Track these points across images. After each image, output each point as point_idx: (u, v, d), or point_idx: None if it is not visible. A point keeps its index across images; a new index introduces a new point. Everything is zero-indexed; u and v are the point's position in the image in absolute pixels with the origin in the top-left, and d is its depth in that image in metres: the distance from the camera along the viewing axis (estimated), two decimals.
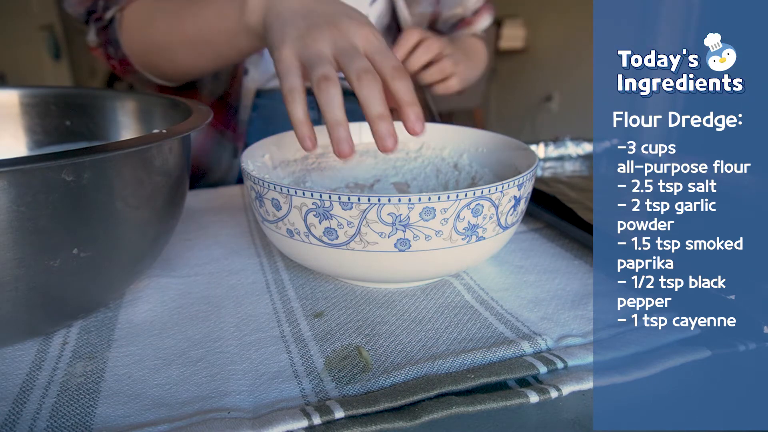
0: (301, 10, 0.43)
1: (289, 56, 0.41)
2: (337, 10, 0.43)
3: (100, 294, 0.34)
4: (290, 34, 0.41)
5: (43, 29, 3.70)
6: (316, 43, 0.40)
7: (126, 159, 0.30)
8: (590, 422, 0.27)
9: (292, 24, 0.42)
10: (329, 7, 0.44)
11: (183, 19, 0.54)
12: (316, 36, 0.40)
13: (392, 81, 0.39)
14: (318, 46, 0.40)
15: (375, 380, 0.30)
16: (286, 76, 0.40)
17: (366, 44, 0.40)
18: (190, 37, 0.54)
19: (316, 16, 0.42)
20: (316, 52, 0.39)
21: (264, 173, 0.46)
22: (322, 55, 0.39)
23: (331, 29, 0.41)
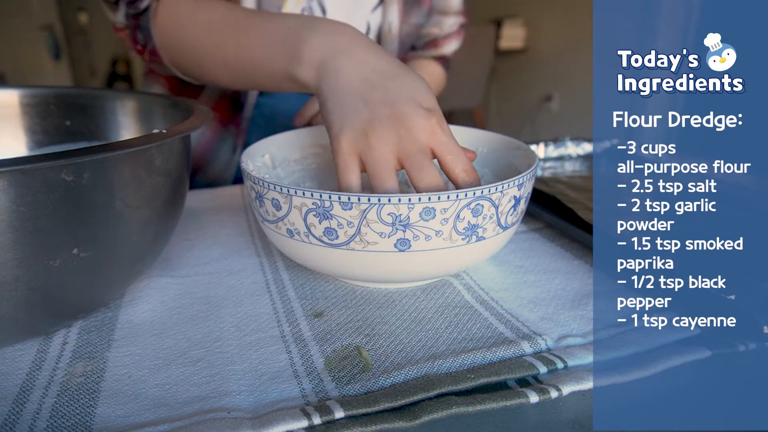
0: (360, 90, 0.41)
1: (348, 152, 0.39)
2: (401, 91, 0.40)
3: (100, 294, 0.34)
4: (351, 125, 0.39)
5: (43, 29, 3.70)
6: (379, 145, 0.38)
7: (126, 159, 0.30)
8: (590, 422, 0.27)
9: (351, 109, 0.40)
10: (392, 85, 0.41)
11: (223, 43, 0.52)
12: (379, 134, 0.38)
13: (462, 184, 0.39)
14: (381, 149, 0.38)
15: (375, 380, 0.30)
16: (345, 174, 0.39)
17: (434, 142, 0.39)
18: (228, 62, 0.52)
19: (377, 102, 0.40)
20: (380, 158, 0.38)
21: (264, 173, 0.46)
22: (387, 162, 0.38)
23: (396, 126, 0.39)
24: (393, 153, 0.39)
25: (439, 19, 0.80)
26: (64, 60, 3.83)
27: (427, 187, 0.38)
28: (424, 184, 0.38)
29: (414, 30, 0.79)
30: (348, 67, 0.42)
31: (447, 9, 0.80)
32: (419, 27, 0.79)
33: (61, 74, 3.83)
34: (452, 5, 0.81)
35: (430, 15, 0.80)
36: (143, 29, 0.56)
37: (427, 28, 0.80)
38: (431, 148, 0.39)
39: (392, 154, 0.39)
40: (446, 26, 0.81)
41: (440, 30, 0.81)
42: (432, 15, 0.80)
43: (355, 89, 0.41)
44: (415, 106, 0.40)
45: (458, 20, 0.82)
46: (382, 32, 0.75)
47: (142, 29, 0.56)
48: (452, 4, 0.80)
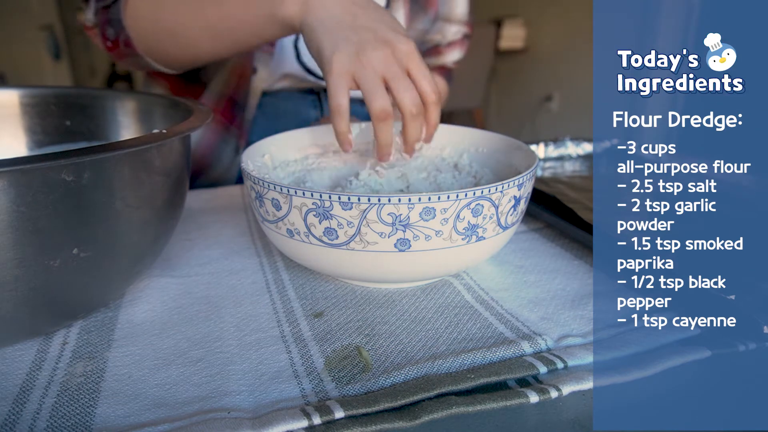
0: (346, 19, 0.45)
1: (341, 72, 0.42)
2: (382, 20, 0.45)
3: (100, 294, 0.34)
4: (342, 48, 0.43)
5: (43, 29, 3.70)
6: (370, 63, 0.42)
7: (126, 159, 0.30)
8: (590, 422, 0.27)
9: (340, 35, 0.44)
10: (373, 15, 0.46)
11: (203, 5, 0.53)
12: (370, 55, 0.42)
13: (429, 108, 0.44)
14: (373, 67, 0.42)
15: (375, 380, 0.30)
16: (337, 92, 0.42)
17: (414, 68, 0.44)
18: (209, 23, 0.54)
19: (364, 30, 0.44)
20: (372, 76, 0.42)
21: (264, 173, 0.46)
22: (378, 80, 0.42)
23: (384, 48, 0.43)
24: (381, 72, 0.43)
25: (442, 26, 0.80)
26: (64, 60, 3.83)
27: (410, 101, 0.42)
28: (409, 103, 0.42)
29: (419, 36, 0.78)
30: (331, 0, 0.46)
31: (452, 17, 0.80)
32: (425, 33, 0.79)
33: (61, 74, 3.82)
34: (457, 13, 0.80)
35: (435, 22, 0.80)
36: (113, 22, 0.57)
37: (431, 34, 0.80)
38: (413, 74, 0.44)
39: (381, 73, 0.43)
40: (449, 34, 0.80)
41: (443, 37, 0.80)
42: (437, 22, 0.80)
43: (341, 18, 0.45)
44: (395, 32, 0.44)
45: (462, 29, 0.81)
46: None
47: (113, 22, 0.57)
48: (457, 12, 0.80)
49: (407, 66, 0.43)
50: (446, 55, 0.82)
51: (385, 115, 0.42)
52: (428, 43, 0.81)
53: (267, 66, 0.69)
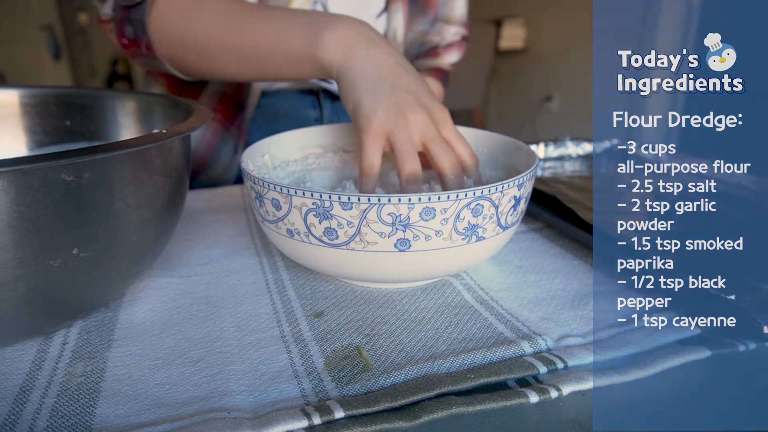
0: (388, 77, 0.44)
1: (378, 131, 0.42)
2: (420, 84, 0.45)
3: (100, 294, 0.34)
4: (382, 108, 0.43)
5: (43, 29, 3.70)
6: (408, 126, 0.42)
7: (126, 159, 0.30)
8: (590, 422, 0.27)
9: (382, 94, 0.43)
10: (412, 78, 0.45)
11: (238, 30, 0.52)
12: (408, 117, 0.42)
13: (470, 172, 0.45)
14: (409, 131, 0.42)
15: (375, 380, 0.30)
16: (371, 153, 0.42)
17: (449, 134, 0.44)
18: (241, 50, 0.52)
19: (404, 91, 0.44)
20: (408, 139, 0.42)
21: (264, 173, 0.46)
22: (412, 144, 0.42)
23: (423, 113, 0.43)
24: (418, 136, 0.43)
25: (441, 27, 0.80)
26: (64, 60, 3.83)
27: (450, 166, 0.42)
28: (448, 166, 0.42)
29: (419, 37, 0.78)
30: (377, 55, 0.45)
31: (450, 18, 0.80)
32: (424, 35, 0.79)
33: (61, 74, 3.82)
34: (456, 15, 0.80)
35: (434, 23, 0.80)
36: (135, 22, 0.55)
37: (429, 36, 0.80)
38: (446, 137, 0.44)
39: (418, 137, 0.43)
40: (448, 35, 0.80)
41: (441, 39, 0.80)
42: (436, 23, 0.80)
43: (385, 76, 0.44)
44: (433, 99, 0.45)
45: (460, 31, 0.81)
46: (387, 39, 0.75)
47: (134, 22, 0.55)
48: (456, 13, 0.80)
49: (442, 132, 0.44)
50: (444, 57, 0.82)
51: (414, 179, 0.42)
52: (426, 45, 0.81)
53: None
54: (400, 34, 0.75)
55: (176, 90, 0.72)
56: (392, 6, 0.73)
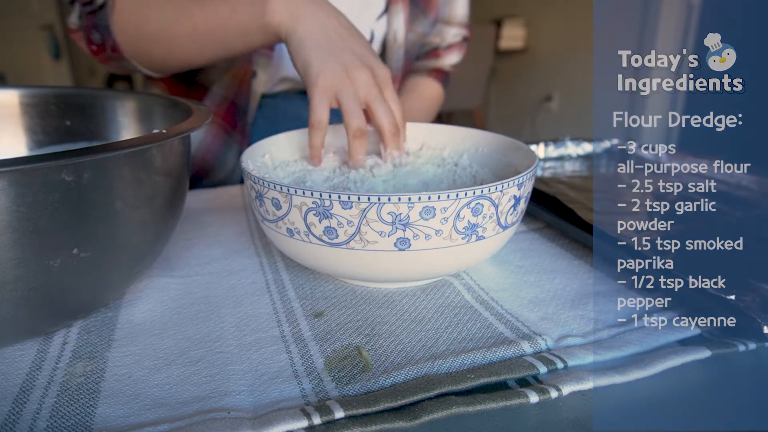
0: (334, 37, 0.47)
1: (326, 88, 0.45)
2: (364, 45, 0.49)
3: (100, 294, 0.34)
4: (330, 66, 0.46)
5: (43, 29, 3.70)
6: (353, 84, 0.45)
7: (126, 159, 0.30)
8: (590, 422, 0.27)
9: (329, 52, 0.46)
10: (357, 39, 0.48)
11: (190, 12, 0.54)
12: (354, 76, 0.46)
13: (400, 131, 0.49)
14: (356, 88, 0.46)
15: (375, 380, 0.30)
16: (319, 107, 0.45)
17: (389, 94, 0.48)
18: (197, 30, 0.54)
19: (350, 51, 0.47)
20: (353, 96, 0.45)
21: (264, 173, 0.46)
22: (357, 101, 0.46)
23: (367, 72, 0.46)
24: (363, 94, 0.46)
25: (442, 28, 0.80)
26: (64, 60, 3.83)
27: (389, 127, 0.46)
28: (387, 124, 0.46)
29: (419, 39, 0.78)
30: (323, 16, 0.49)
31: (451, 19, 0.80)
32: (424, 36, 0.79)
33: (61, 74, 3.82)
34: (456, 16, 0.80)
35: (435, 24, 0.80)
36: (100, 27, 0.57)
37: (430, 37, 0.80)
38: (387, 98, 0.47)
39: (362, 95, 0.46)
40: (449, 36, 0.80)
41: (442, 40, 0.80)
42: (436, 24, 0.80)
43: (331, 37, 0.48)
44: (377, 59, 0.48)
45: (461, 32, 0.81)
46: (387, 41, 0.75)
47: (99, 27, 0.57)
48: (457, 14, 0.80)
49: (384, 92, 0.47)
50: (445, 58, 0.82)
51: (360, 134, 0.45)
52: (427, 46, 0.81)
53: (266, 70, 0.70)
54: (400, 36, 0.75)
55: (177, 94, 0.72)
56: (393, 8, 0.73)
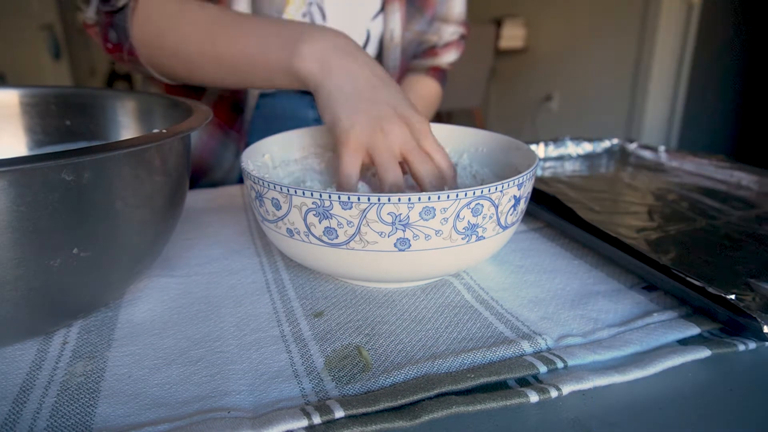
0: (365, 89, 0.44)
1: (356, 146, 0.43)
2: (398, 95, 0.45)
3: (100, 294, 0.34)
4: (360, 121, 0.43)
5: (43, 29, 3.70)
6: (387, 138, 0.43)
7: (126, 159, 0.30)
8: (590, 422, 0.27)
9: (360, 107, 0.44)
10: (390, 90, 0.45)
11: (215, 39, 0.52)
12: (387, 129, 0.43)
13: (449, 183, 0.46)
14: (389, 142, 0.43)
15: (375, 380, 0.30)
16: (349, 167, 0.43)
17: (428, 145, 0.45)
18: (220, 59, 0.52)
19: (383, 103, 0.44)
20: (388, 151, 0.43)
21: (264, 173, 0.46)
22: (393, 155, 0.43)
23: (401, 123, 0.44)
24: (398, 148, 0.43)
25: (439, 26, 0.80)
26: (64, 60, 3.83)
27: (431, 179, 0.43)
28: (428, 177, 0.43)
29: (416, 37, 0.78)
30: (354, 67, 0.45)
31: (448, 17, 0.80)
32: (421, 34, 0.79)
33: (61, 74, 3.82)
34: (453, 13, 0.80)
35: (432, 23, 0.79)
36: (118, 28, 0.55)
37: (427, 35, 0.80)
38: (426, 149, 0.45)
39: (398, 149, 0.43)
40: (446, 34, 0.80)
41: (439, 38, 0.80)
42: (434, 23, 0.79)
43: (362, 89, 0.45)
44: (413, 110, 0.45)
45: (458, 30, 0.81)
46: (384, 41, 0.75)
47: (117, 28, 0.55)
48: (454, 12, 0.80)
49: (422, 143, 0.44)
50: (442, 57, 0.81)
51: (397, 189, 0.42)
52: (424, 44, 0.80)
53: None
54: (397, 35, 0.74)
55: (175, 93, 0.72)
56: (389, 7, 0.73)
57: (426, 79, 0.82)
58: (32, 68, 3.75)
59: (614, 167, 0.69)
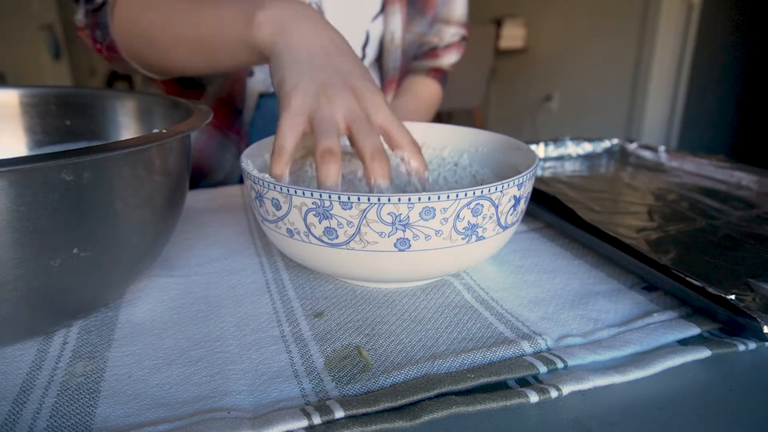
0: (317, 54, 0.42)
1: (297, 111, 0.40)
2: (354, 65, 0.43)
3: (100, 294, 0.34)
4: (305, 84, 0.41)
5: (43, 29, 3.70)
6: (330, 104, 0.40)
7: (126, 159, 0.30)
8: (590, 422, 0.27)
9: (307, 70, 0.41)
10: (345, 58, 0.43)
11: (182, 20, 0.52)
12: (331, 95, 0.40)
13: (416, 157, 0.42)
14: (332, 109, 0.40)
15: (375, 380, 0.30)
16: (285, 132, 0.40)
17: (379, 115, 0.42)
18: (187, 39, 0.52)
19: (332, 70, 0.42)
20: (329, 117, 0.40)
21: (264, 173, 0.46)
22: (333, 122, 0.40)
23: (348, 92, 0.41)
24: (342, 116, 0.40)
25: (440, 27, 0.80)
26: (64, 60, 3.83)
27: (372, 153, 0.39)
28: (369, 150, 0.39)
29: (417, 39, 0.78)
30: (308, 31, 0.44)
31: (450, 18, 0.80)
32: (422, 36, 0.79)
33: (61, 74, 3.82)
34: (455, 15, 0.80)
35: (433, 24, 0.79)
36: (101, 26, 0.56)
37: (428, 36, 0.80)
38: (379, 123, 0.41)
39: (341, 117, 0.40)
40: (447, 36, 0.80)
41: (440, 39, 0.80)
42: (435, 24, 0.79)
43: (313, 53, 0.43)
44: (367, 81, 0.42)
45: (459, 32, 0.81)
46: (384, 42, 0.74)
47: (100, 26, 0.56)
48: (455, 14, 0.80)
49: (374, 117, 0.41)
50: (443, 58, 0.81)
51: (330, 157, 0.38)
52: (425, 46, 0.80)
53: (264, 69, 0.69)
54: (397, 36, 0.74)
55: (174, 94, 0.72)
56: (389, 8, 0.73)
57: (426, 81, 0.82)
58: (32, 68, 3.75)
59: (614, 167, 0.69)
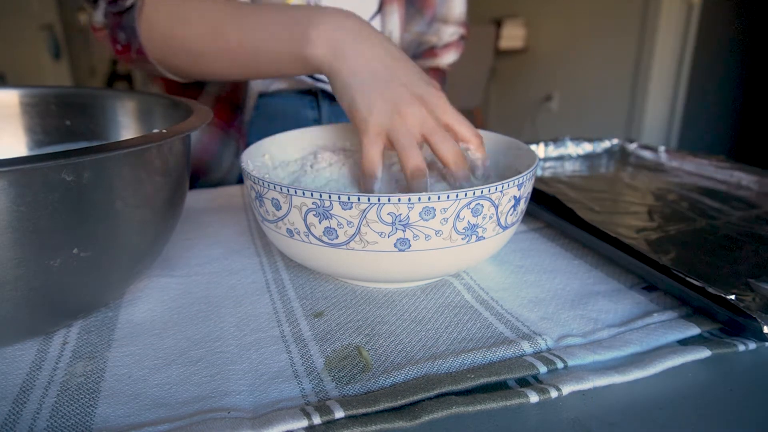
0: (379, 70, 0.44)
1: (376, 131, 0.42)
2: (413, 72, 0.45)
3: (100, 294, 0.34)
4: (378, 107, 0.43)
5: (43, 29, 3.70)
6: (405, 121, 0.42)
7: (126, 159, 0.30)
8: (590, 422, 0.27)
9: (376, 92, 0.43)
10: (404, 67, 0.45)
11: (225, 31, 0.52)
12: (404, 112, 0.42)
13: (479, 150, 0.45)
14: (407, 125, 0.42)
15: (375, 380, 0.30)
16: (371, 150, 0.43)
17: (449, 118, 0.44)
18: (229, 51, 0.52)
19: (397, 83, 0.43)
20: (407, 133, 0.42)
21: (264, 173, 0.46)
22: (411, 136, 0.42)
23: (417, 104, 0.43)
24: (417, 129, 0.42)
25: (439, 27, 0.79)
26: (64, 60, 3.83)
27: (454, 158, 0.42)
28: (451, 155, 0.42)
29: (415, 38, 0.78)
30: (367, 49, 0.45)
31: (448, 18, 0.80)
32: (421, 35, 0.79)
33: (61, 74, 3.82)
34: (453, 14, 0.80)
35: (432, 23, 0.79)
36: (126, 28, 0.55)
37: (427, 36, 0.80)
38: (446, 121, 0.44)
39: (417, 131, 0.42)
40: (445, 35, 0.80)
41: (439, 39, 0.80)
42: (433, 23, 0.79)
43: (375, 70, 0.44)
44: (429, 86, 0.44)
45: (458, 31, 0.81)
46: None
47: (125, 28, 0.55)
48: (454, 13, 0.80)
49: (442, 118, 0.44)
50: (442, 57, 0.81)
51: (419, 174, 0.41)
52: (424, 45, 0.80)
53: None
54: (396, 36, 0.74)
55: (174, 91, 0.72)
56: (387, 7, 0.73)
57: None
58: (32, 68, 3.75)
59: (614, 167, 0.69)
